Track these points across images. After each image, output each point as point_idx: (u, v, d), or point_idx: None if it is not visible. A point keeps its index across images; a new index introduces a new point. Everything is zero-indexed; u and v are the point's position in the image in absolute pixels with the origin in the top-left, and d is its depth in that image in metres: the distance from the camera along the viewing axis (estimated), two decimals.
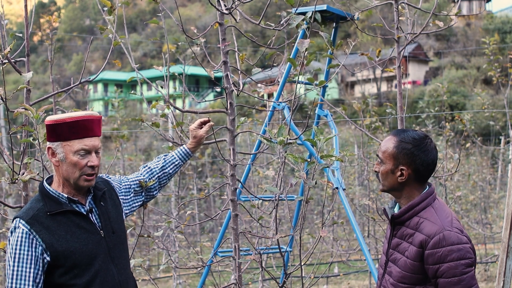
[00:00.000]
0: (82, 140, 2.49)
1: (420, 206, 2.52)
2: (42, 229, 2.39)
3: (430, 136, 2.60)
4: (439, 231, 2.41)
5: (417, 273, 2.49)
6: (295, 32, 3.84)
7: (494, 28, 44.87)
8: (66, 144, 2.47)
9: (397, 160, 2.55)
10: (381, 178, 2.65)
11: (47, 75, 45.58)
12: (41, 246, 2.37)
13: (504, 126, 15.32)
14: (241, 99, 26.23)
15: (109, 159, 17.43)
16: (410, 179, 2.56)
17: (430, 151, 2.54)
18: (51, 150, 2.49)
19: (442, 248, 2.39)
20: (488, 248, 11.53)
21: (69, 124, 2.45)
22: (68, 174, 2.49)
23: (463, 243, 2.39)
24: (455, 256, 2.37)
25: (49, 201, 2.47)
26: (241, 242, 4.04)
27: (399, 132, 2.61)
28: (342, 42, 3.38)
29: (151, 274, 10.59)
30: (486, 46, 7.94)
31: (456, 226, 2.44)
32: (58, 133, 2.46)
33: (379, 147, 2.69)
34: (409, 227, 2.53)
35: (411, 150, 2.53)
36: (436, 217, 2.46)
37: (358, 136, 11.42)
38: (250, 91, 3.49)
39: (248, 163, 5.05)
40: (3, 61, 3.04)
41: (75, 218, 2.49)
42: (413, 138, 2.55)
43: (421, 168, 2.54)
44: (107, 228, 2.59)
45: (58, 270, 2.41)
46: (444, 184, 7.62)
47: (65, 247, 2.40)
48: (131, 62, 3.11)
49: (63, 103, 5.16)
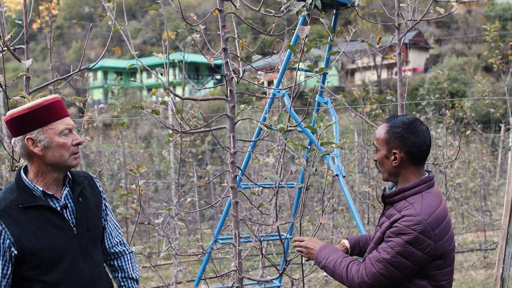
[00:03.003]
0: (62, 120, 2.45)
1: (410, 192, 2.56)
2: (12, 222, 2.34)
3: (423, 121, 2.66)
4: (414, 214, 2.44)
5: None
6: (295, 19, 3.82)
7: (495, 15, 44.68)
8: (48, 128, 2.41)
9: (389, 144, 2.61)
10: (379, 166, 2.71)
11: (46, 63, 45.46)
12: (9, 239, 2.33)
13: (505, 114, 15.29)
14: (241, 86, 26.18)
15: (109, 146, 17.46)
16: (404, 162, 2.60)
17: (420, 133, 2.59)
18: (31, 140, 2.40)
19: (405, 227, 2.43)
20: (488, 235, 11.56)
21: (46, 107, 2.40)
22: (56, 158, 2.43)
23: (425, 236, 2.41)
24: (409, 239, 2.41)
25: (24, 192, 2.41)
26: (241, 229, 4.06)
27: (389, 119, 2.68)
28: (342, 29, 3.37)
29: (152, 261, 10.63)
30: (487, 33, 7.92)
31: (434, 219, 2.45)
32: (36, 120, 2.39)
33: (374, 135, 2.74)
34: (395, 209, 2.57)
35: (401, 133, 2.58)
36: (420, 205, 2.49)
37: (358, 123, 11.40)
38: (250, 78, 3.48)
39: (248, 151, 5.05)
40: (3, 48, 3.03)
41: (48, 213, 2.43)
42: (403, 122, 2.61)
43: (412, 150, 2.58)
44: (81, 225, 2.53)
45: (25, 265, 2.37)
46: (444, 171, 7.63)
47: (33, 243, 2.35)
48: (131, 49, 3.10)
49: (63, 91, 5.15)
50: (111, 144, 18.59)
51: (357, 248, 3.02)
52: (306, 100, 11.50)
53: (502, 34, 38.49)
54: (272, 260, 3.94)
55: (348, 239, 3.06)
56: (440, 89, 13.22)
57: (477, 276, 8.71)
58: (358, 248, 3.02)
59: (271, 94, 5.19)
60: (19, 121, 2.40)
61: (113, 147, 5.70)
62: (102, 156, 13.60)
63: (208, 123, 3.09)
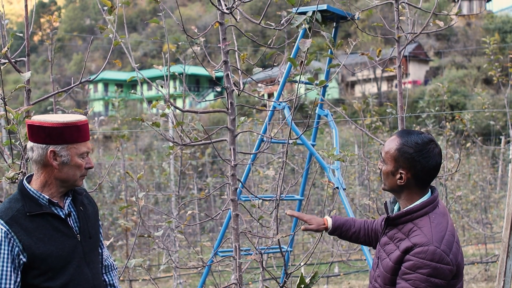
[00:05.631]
0: (85, 143, 2.55)
1: (417, 214, 2.49)
2: (21, 230, 2.38)
3: (435, 140, 2.56)
4: (426, 243, 2.37)
5: (396, 275, 2.49)
6: (295, 32, 3.84)
7: (494, 27, 44.87)
8: (72, 147, 2.49)
9: (397, 162, 2.52)
10: (382, 177, 2.63)
11: (47, 75, 45.58)
12: (18, 247, 2.36)
13: (505, 126, 15.30)
14: (241, 99, 26.22)
15: (109, 159, 17.45)
16: (410, 183, 2.52)
17: (432, 157, 2.48)
18: (54, 153, 2.47)
19: (422, 260, 2.36)
20: (489, 248, 11.53)
21: (78, 128, 2.49)
22: (69, 176, 2.52)
23: (443, 263, 2.36)
24: (429, 272, 2.35)
25: (29, 201, 2.46)
26: (242, 242, 4.04)
27: (403, 134, 2.56)
28: (342, 42, 3.37)
29: (152, 274, 10.59)
30: (486, 45, 7.93)
31: (446, 244, 2.40)
32: (65, 137, 2.47)
33: (383, 145, 2.65)
34: (401, 231, 2.51)
35: (412, 155, 2.47)
36: (429, 229, 2.42)
37: (358, 135, 11.42)
38: (250, 90, 3.48)
39: (248, 163, 5.05)
40: (3, 60, 3.04)
41: (54, 221, 2.48)
42: (416, 142, 2.48)
43: (421, 174, 2.49)
44: (84, 232, 2.61)
45: (32, 272, 2.41)
46: (444, 183, 7.62)
47: (42, 250, 2.40)
48: (132, 61, 3.11)
49: (64, 103, 5.16)
50: (112, 156, 18.58)
51: (338, 231, 3.02)
52: (307, 113, 11.52)
53: (501, 46, 38.62)
54: (273, 273, 3.92)
55: (332, 219, 3.04)
56: (440, 101, 13.25)
57: None
58: (339, 231, 3.02)
59: (271, 107, 5.20)
60: (48, 131, 2.45)
61: (113, 159, 5.70)
62: (102, 168, 13.59)
63: (208, 136, 3.09)
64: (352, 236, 3.05)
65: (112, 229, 11.48)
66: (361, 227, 3.04)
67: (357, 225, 3.04)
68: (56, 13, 5.53)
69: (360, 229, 3.03)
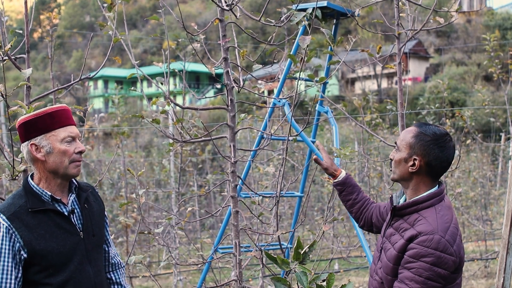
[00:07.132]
0: (65, 128, 2.54)
1: (423, 205, 2.51)
2: (22, 226, 2.39)
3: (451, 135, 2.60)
4: (431, 232, 2.39)
5: (399, 265, 2.50)
6: (295, 29, 3.83)
7: (494, 24, 44.79)
8: (51, 135, 2.50)
9: (412, 149, 2.56)
10: (393, 166, 2.65)
11: (47, 72, 45.56)
12: (19, 243, 2.37)
13: (505, 123, 15.30)
14: (241, 96, 26.20)
15: (109, 156, 17.45)
16: (421, 171, 2.56)
17: (447, 149, 2.54)
18: (35, 146, 2.49)
19: (426, 248, 2.37)
20: (488, 245, 11.54)
21: (50, 115, 2.50)
22: (57, 164, 2.50)
23: (447, 253, 2.37)
24: (433, 261, 2.36)
25: (32, 197, 2.47)
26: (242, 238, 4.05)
27: (421, 125, 2.62)
28: (342, 39, 3.37)
29: (152, 270, 10.60)
30: (486, 42, 7.93)
31: (450, 235, 2.42)
32: (40, 127, 2.48)
33: (398, 135, 2.69)
34: (406, 222, 2.53)
35: (428, 143, 2.53)
36: (435, 219, 2.44)
37: (358, 132, 11.40)
38: (250, 87, 3.48)
39: (248, 160, 5.05)
40: (3, 57, 3.04)
41: (56, 217, 2.49)
42: (434, 132, 2.55)
43: (434, 162, 2.53)
44: (88, 230, 2.61)
45: (33, 268, 2.42)
46: (444, 180, 7.62)
47: (43, 246, 2.40)
48: (131, 58, 3.11)
49: (64, 100, 5.16)
50: (112, 153, 18.59)
51: (343, 187, 3.09)
52: (307, 110, 11.51)
53: (502, 43, 38.56)
54: (273, 270, 3.92)
55: (346, 175, 3.12)
56: (440, 98, 13.24)
57: (478, 285, 8.68)
58: (343, 189, 3.09)
59: (271, 104, 5.20)
60: (25, 127, 2.50)
61: (113, 156, 5.70)
62: (102, 165, 13.59)
63: (208, 133, 3.09)
64: (348, 201, 3.11)
65: (112, 226, 11.49)
66: (361, 200, 3.09)
67: (360, 197, 3.09)
68: (56, 10, 5.53)
69: (359, 202, 3.08)
